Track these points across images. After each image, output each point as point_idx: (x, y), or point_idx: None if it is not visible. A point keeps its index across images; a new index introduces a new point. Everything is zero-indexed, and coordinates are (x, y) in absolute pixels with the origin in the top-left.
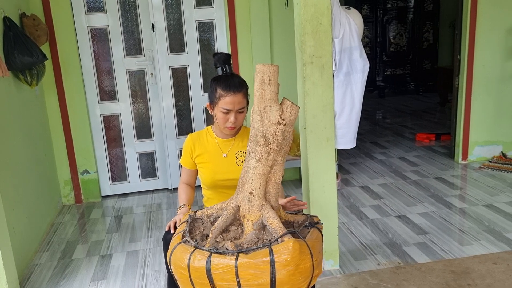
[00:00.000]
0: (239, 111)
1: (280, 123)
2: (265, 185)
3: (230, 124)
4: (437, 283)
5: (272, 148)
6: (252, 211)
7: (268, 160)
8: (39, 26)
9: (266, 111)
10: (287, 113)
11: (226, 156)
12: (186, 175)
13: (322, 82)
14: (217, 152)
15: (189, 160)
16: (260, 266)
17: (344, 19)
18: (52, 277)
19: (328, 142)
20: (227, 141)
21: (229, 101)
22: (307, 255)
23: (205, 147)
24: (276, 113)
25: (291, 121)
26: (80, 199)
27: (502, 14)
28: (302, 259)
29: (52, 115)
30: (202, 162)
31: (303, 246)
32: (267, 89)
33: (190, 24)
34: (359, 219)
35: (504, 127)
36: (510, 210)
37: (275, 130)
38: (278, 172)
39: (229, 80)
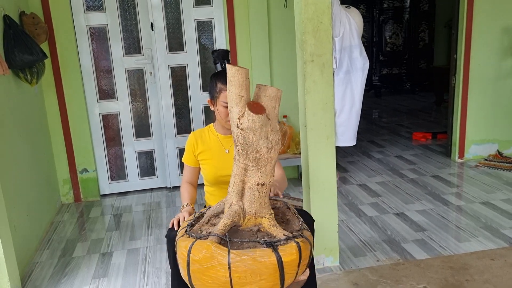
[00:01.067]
0: None
1: (239, 126)
2: (241, 186)
3: None
4: (436, 279)
5: (239, 150)
6: (226, 206)
7: (239, 161)
8: (38, 24)
9: (231, 111)
10: (245, 118)
11: (228, 152)
12: (188, 173)
13: (322, 80)
14: (219, 149)
15: (192, 157)
16: (182, 251)
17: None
18: (53, 275)
19: (328, 140)
20: (228, 137)
21: None
22: (220, 264)
23: (207, 144)
24: (236, 116)
25: (250, 127)
26: (79, 198)
27: (498, 14)
28: (213, 265)
29: (51, 114)
30: (204, 159)
31: (219, 254)
32: (230, 90)
33: (189, 23)
34: (358, 217)
35: (500, 126)
36: (507, 207)
37: (237, 132)
38: (252, 178)
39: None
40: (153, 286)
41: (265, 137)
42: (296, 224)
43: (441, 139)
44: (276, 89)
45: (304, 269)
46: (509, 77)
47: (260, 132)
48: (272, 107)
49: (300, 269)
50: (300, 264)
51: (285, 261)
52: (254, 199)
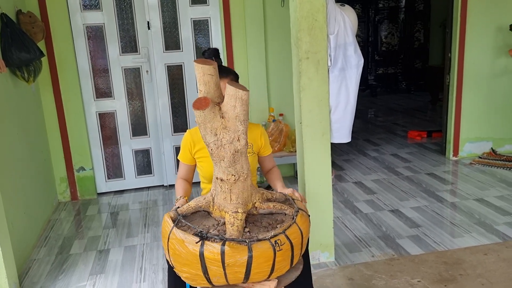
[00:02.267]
0: None
1: None
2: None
3: None
4: (430, 273)
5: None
6: None
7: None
8: (35, 23)
9: None
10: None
11: None
12: (184, 170)
13: (317, 77)
14: None
15: (188, 155)
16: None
17: (339, 15)
18: (51, 272)
19: (324, 136)
20: None
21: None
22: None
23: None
24: None
25: (196, 120)
26: (76, 196)
27: (491, 13)
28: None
29: (48, 112)
30: (202, 156)
31: None
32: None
33: (185, 22)
34: (353, 214)
35: (494, 124)
36: (500, 204)
37: None
38: (215, 171)
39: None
40: (150, 282)
41: (212, 133)
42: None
43: (436, 138)
44: (236, 89)
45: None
46: (503, 75)
47: (204, 127)
48: (231, 106)
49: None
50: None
51: (207, 257)
52: (217, 192)
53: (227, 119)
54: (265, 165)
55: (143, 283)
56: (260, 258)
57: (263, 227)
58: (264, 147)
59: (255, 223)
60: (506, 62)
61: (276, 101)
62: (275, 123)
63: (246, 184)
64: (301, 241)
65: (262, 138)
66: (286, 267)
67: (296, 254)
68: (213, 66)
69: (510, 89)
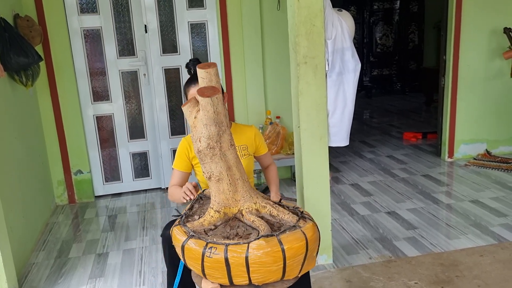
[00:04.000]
0: None
1: None
2: None
3: None
4: (427, 275)
5: None
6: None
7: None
8: (33, 27)
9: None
10: None
11: None
12: (178, 178)
13: (315, 81)
14: None
15: (185, 162)
16: None
17: (336, 21)
18: (50, 276)
19: (322, 140)
20: None
21: (193, 92)
22: None
23: None
24: None
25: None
26: (74, 199)
27: (486, 16)
28: None
29: (45, 116)
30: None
31: None
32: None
33: (182, 25)
34: (350, 216)
35: (488, 126)
36: (495, 205)
37: None
38: None
39: (193, 76)
40: (149, 285)
41: (191, 127)
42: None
43: (431, 139)
44: (200, 97)
45: None
46: (497, 77)
47: (188, 117)
48: (200, 110)
49: None
50: None
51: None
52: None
53: (197, 119)
54: (263, 162)
55: (142, 286)
56: None
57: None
58: (259, 146)
59: (232, 227)
60: (500, 65)
61: (273, 103)
62: (272, 125)
63: (221, 186)
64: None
65: (256, 139)
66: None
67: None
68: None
69: (504, 91)
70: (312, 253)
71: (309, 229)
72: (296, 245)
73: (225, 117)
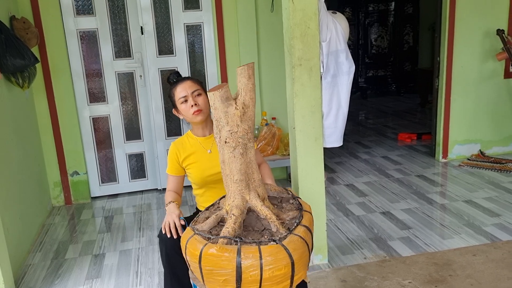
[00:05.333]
0: (195, 94)
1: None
2: None
3: (194, 109)
4: (420, 274)
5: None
6: (265, 190)
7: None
8: (29, 29)
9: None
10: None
11: (211, 152)
12: (172, 183)
13: (310, 83)
14: (202, 151)
15: (176, 166)
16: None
17: (330, 23)
18: (47, 277)
19: (317, 141)
20: (207, 138)
21: (180, 90)
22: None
23: (189, 149)
24: None
25: None
26: (70, 201)
27: (479, 18)
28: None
29: (41, 117)
30: (190, 164)
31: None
32: (249, 84)
33: (178, 26)
34: (346, 216)
35: (482, 126)
36: (488, 205)
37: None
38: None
39: (177, 79)
40: (146, 286)
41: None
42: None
43: (425, 140)
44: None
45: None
46: (490, 79)
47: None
48: None
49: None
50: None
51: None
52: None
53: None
54: None
55: (139, 287)
56: None
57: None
58: None
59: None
60: (493, 66)
61: (268, 105)
62: (267, 126)
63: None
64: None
65: None
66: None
67: None
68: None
69: (498, 92)
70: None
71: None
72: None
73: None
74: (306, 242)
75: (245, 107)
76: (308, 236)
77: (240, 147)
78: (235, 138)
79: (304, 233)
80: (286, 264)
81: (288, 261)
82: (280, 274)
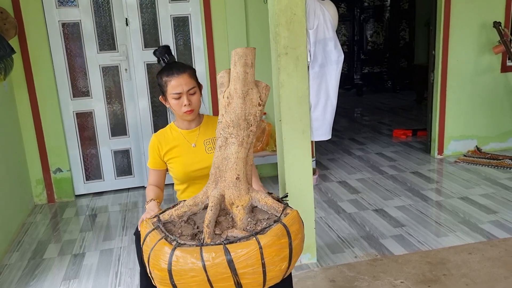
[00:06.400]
0: (190, 93)
1: (260, 104)
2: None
3: (186, 108)
4: (413, 274)
5: (252, 130)
6: (241, 195)
7: (247, 143)
8: (7, 19)
9: (249, 93)
10: (263, 94)
11: (195, 146)
12: (154, 177)
13: (297, 73)
14: (185, 144)
15: (157, 159)
16: (281, 241)
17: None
18: (22, 278)
19: (304, 134)
20: (192, 131)
21: (175, 84)
22: (301, 225)
23: (171, 142)
24: (257, 95)
25: (265, 101)
26: (53, 198)
27: (474, 11)
28: (302, 228)
29: (22, 112)
30: (172, 158)
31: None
32: (249, 72)
33: (165, 18)
34: (337, 213)
35: (478, 122)
36: (484, 202)
37: (255, 111)
38: (251, 154)
39: (171, 66)
40: (125, 286)
41: None
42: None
43: (421, 136)
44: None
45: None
46: (487, 73)
47: None
48: None
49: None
50: None
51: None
52: (251, 174)
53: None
54: None
55: None
56: None
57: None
58: None
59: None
60: (489, 60)
61: None
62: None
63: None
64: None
65: None
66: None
67: None
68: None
69: (494, 87)
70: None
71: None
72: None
73: None
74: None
75: (230, 97)
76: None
77: (220, 139)
78: (218, 128)
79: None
80: None
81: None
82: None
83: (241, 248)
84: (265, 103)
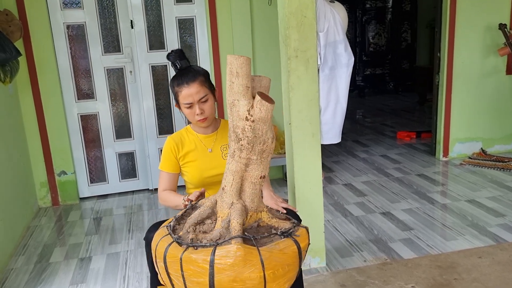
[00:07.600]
0: (202, 101)
1: (248, 119)
2: (240, 183)
3: (198, 117)
4: (424, 278)
5: (243, 145)
6: (223, 207)
7: (240, 157)
8: (12, 21)
9: (235, 104)
10: (257, 109)
11: (212, 151)
12: (166, 181)
13: (307, 76)
14: (202, 149)
15: (174, 162)
16: (199, 264)
17: (328, 12)
18: (29, 282)
19: (314, 138)
20: (209, 136)
21: (185, 95)
22: (254, 265)
23: (188, 146)
24: (244, 108)
25: (262, 118)
26: (57, 201)
27: (480, 13)
28: (246, 268)
29: (27, 115)
30: (188, 161)
31: (251, 255)
32: (234, 82)
33: (170, 20)
34: (344, 217)
35: (483, 124)
36: (492, 205)
37: (243, 126)
38: (254, 172)
39: (182, 73)
40: None
41: (270, 128)
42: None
43: (425, 138)
44: (268, 79)
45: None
46: (492, 75)
47: (269, 122)
48: None
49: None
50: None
51: (302, 246)
52: (256, 193)
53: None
54: None
55: None
56: None
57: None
58: None
59: None
60: (495, 62)
61: None
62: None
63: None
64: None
65: None
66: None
67: None
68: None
69: (500, 89)
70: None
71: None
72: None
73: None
74: None
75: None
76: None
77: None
78: None
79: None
80: None
81: None
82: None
83: (172, 251)
84: (260, 119)
